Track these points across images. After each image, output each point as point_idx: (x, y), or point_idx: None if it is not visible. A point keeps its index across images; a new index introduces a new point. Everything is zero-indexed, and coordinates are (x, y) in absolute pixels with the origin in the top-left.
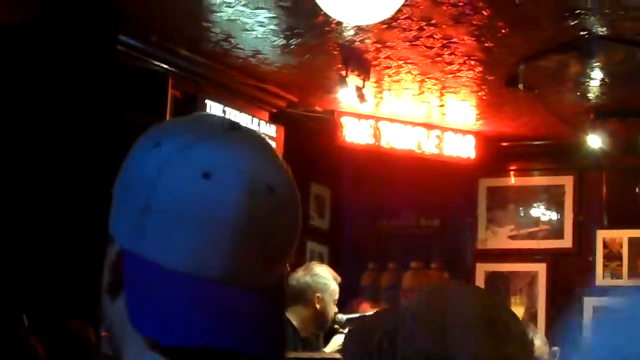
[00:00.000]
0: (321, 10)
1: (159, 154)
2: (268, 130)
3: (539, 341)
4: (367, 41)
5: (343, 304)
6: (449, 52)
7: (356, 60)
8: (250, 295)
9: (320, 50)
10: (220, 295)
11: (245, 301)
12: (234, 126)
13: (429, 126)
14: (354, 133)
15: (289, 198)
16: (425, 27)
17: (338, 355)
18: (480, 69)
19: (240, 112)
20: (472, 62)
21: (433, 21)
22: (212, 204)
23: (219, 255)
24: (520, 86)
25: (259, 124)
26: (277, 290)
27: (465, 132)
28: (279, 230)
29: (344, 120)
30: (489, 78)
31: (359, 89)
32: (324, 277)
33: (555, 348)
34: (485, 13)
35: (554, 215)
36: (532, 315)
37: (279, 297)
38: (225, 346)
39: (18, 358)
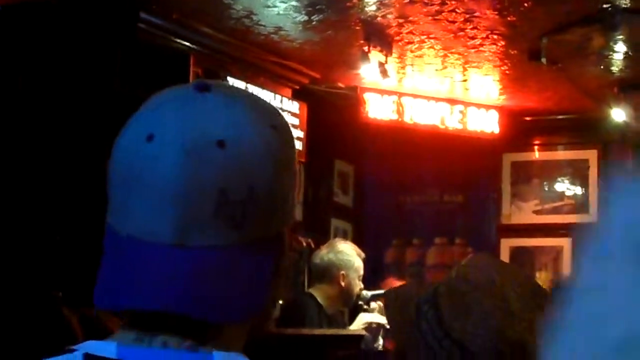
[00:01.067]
0: None
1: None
2: (291, 107)
3: None
4: (389, 16)
5: (367, 281)
6: (471, 26)
7: (378, 35)
8: (204, 256)
9: (342, 26)
10: (170, 259)
11: (196, 263)
12: (202, 86)
13: (452, 101)
14: (377, 109)
15: (249, 153)
16: (447, 1)
17: (364, 332)
18: (502, 43)
19: (263, 89)
20: (495, 37)
21: None
22: (153, 166)
23: (165, 219)
24: (544, 60)
25: (281, 101)
26: (254, 249)
27: (488, 107)
28: (235, 186)
29: (366, 96)
30: (512, 52)
31: (381, 64)
32: (348, 254)
33: None
34: None
35: (578, 190)
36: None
37: (259, 255)
38: (175, 310)
39: (59, 334)
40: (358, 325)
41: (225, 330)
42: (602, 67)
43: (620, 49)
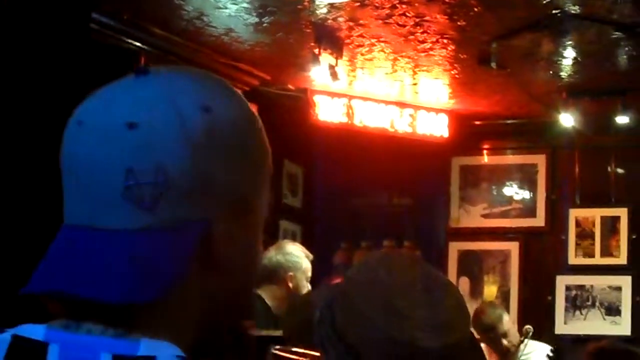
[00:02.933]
0: None
1: None
2: None
3: (507, 318)
4: (340, 19)
5: (316, 283)
6: (421, 30)
7: (329, 38)
8: (116, 239)
9: (292, 28)
10: (81, 240)
11: (106, 246)
12: (141, 70)
13: (402, 104)
14: (327, 111)
15: (160, 135)
16: (397, 5)
17: None
18: (452, 47)
19: None
20: (445, 41)
21: None
22: (73, 150)
23: (78, 200)
24: (493, 65)
25: None
26: (167, 233)
27: (438, 111)
28: (145, 167)
29: (317, 98)
30: (462, 56)
31: (331, 67)
32: (296, 255)
33: (528, 327)
34: None
35: (526, 194)
36: (504, 294)
37: (169, 238)
38: (70, 290)
39: None
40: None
41: (158, 318)
42: (551, 72)
43: (569, 55)
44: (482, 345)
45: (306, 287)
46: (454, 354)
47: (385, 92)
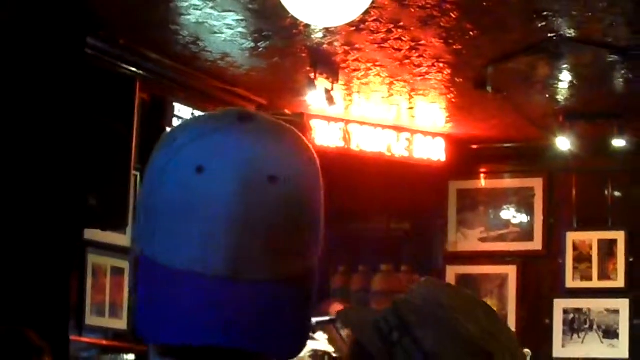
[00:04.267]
0: (289, 12)
1: (168, 152)
2: None
3: None
4: (336, 44)
5: (317, 306)
6: (417, 54)
7: (325, 62)
8: (260, 289)
9: (288, 52)
10: (225, 291)
11: (250, 297)
12: (245, 116)
13: (399, 129)
14: (324, 136)
15: (297, 189)
16: (393, 29)
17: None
18: (448, 71)
19: None
20: (441, 65)
21: (401, 23)
22: (205, 199)
23: (218, 251)
24: (489, 88)
25: None
26: (296, 283)
27: (435, 135)
28: (284, 221)
29: (313, 123)
30: (458, 80)
31: (327, 91)
32: None
33: (526, 350)
34: (453, 15)
35: (524, 218)
36: (502, 318)
37: (300, 289)
38: (231, 344)
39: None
40: (304, 353)
41: None
42: (547, 95)
43: (565, 78)
44: None
45: None
46: None
47: (382, 116)
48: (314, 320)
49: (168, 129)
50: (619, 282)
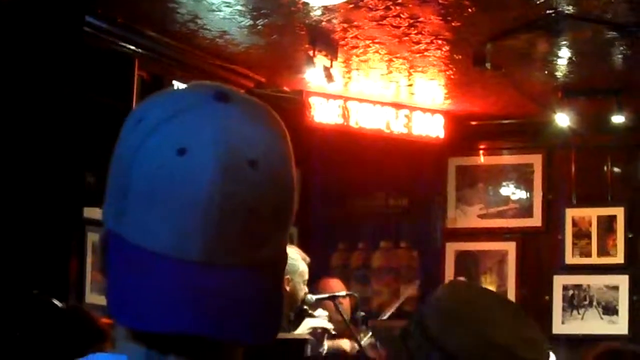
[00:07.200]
0: None
1: (140, 130)
2: None
3: None
4: (334, 21)
5: (313, 285)
6: (416, 31)
7: (323, 40)
8: (234, 276)
9: (287, 30)
10: (199, 277)
11: (227, 282)
12: (225, 96)
13: (398, 106)
14: (323, 113)
15: (276, 173)
16: (391, 6)
17: (308, 337)
18: (447, 48)
19: None
20: (440, 42)
21: (399, 0)
22: (186, 182)
23: (196, 236)
24: (488, 65)
25: None
26: (269, 269)
27: (433, 112)
28: (263, 206)
29: (312, 100)
30: (457, 57)
31: (326, 69)
32: (293, 258)
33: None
34: None
35: (523, 194)
36: (502, 294)
37: (272, 275)
38: (201, 331)
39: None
40: (303, 330)
41: (235, 352)
42: (546, 72)
43: (564, 55)
44: None
45: (303, 289)
46: None
47: (381, 93)
48: (314, 297)
49: None
50: (619, 258)
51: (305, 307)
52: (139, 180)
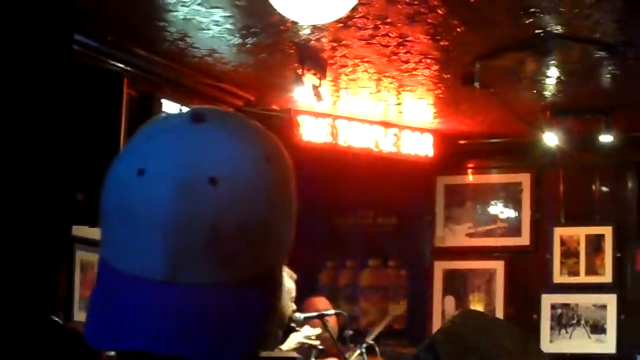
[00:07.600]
0: (276, 9)
1: (120, 154)
2: None
3: None
4: (323, 40)
5: (300, 303)
6: (404, 50)
7: (312, 58)
8: (195, 294)
9: (276, 49)
10: (160, 295)
11: (188, 301)
12: (200, 117)
13: (387, 124)
14: (311, 131)
15: (240, 188)
16: (380, 25)
17: (295, 354)
18: (436, 67)
19: None
20: (428, 61)
21: (388, 20)
22: (144, 201)
23: (156, 254)
24: (477, 84)
25: None
26: (242, 288)
27: (422, 130)
28: (227, 223)
29: (301, 118)
30: (445, 76)
31: (315, 87)
32: None
33: None
34: (440, 12)
35: (511, 213)
36: (490, 313)
37: (245, 294)
38: (161, 350)
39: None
40: (290, 345)
41: None
42: (534, 91)
43: (552, 74)
44: None
45: (291, 307)
46: None
47: (370, 112)
48: (302, 315)
49: None
50: (607, 277)
51: (292, 324)
52: (109, 203)
